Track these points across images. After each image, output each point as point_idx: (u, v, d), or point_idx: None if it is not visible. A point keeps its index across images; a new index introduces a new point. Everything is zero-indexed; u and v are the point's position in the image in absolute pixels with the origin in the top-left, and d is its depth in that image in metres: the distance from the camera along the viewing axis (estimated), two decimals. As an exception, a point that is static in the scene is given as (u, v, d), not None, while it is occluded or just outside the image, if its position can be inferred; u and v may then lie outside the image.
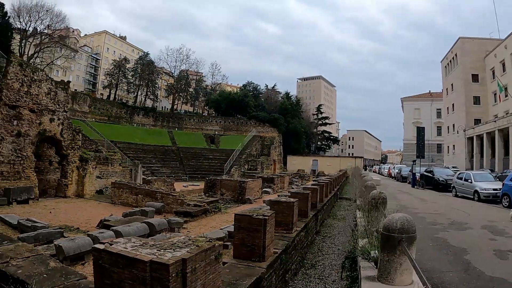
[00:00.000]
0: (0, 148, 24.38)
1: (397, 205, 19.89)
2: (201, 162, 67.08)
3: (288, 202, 14.70)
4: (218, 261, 7.78)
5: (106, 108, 75.80)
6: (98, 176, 31.60)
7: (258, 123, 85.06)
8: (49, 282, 9.00)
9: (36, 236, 14.04)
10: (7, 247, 11.78)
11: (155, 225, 16.17)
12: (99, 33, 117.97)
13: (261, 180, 35.72)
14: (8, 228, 16.62)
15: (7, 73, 25.03)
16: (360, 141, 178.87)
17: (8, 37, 60.03)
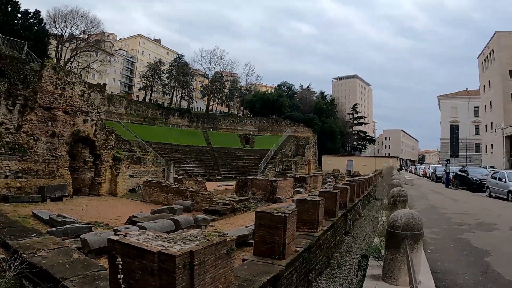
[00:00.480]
0: (35, 148, 25.22)
1: (426, 204, 19.38)
2: (236, 162, 67.37)
3: (313, 200, 14.43)
4: (230, 256, 7.75)
5: (142, 109, 77.27)
6: (131, 175, 32.21)
7: (293, 123, 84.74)
8: (70, 272, 9.31)
9: (65, 231, 14.46)
10: (35, 239, 12.33)
11: (181, 222, 16.32)
12: (134, 37, 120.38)
13: (293, 180, 35.51)
14: (40, 223, 17.15)
15: (41, 76, 25.92)
16: (397, 141, 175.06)
17: (44, 42, 62.22)
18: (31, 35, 57.54)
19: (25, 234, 12.98)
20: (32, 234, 13.11)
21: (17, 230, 13.56)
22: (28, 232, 13.44)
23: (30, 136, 25.11)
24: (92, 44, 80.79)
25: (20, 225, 14.93)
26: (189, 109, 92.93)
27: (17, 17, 59.74)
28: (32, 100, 25.27)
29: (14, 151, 23.97)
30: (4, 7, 56.13)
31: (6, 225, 14.46)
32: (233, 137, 78.25)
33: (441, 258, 9.04)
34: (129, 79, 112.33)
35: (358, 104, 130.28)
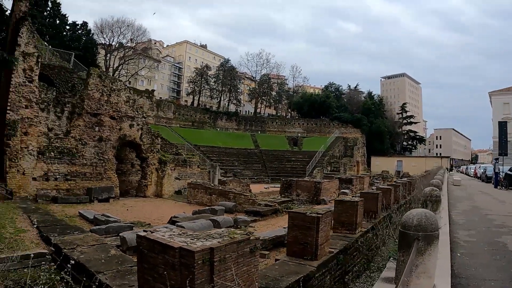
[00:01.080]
0: (83, 152, 26.40)
1: (470, 206, 18.55)
2: (284, 164, 67.22)
3: (351, 201, 14.26)
4: (254, 254, 7.75)
5: (190, 114, 78.69)
6: (176, 177, 32.87)
7: (341, 124, 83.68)
8: (105, 267, 9.84)
9: (107, 229, 15.06)
10: (77, 236, 12.94)
11: (220, 222, 16.49)
12: (180, 43, 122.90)
13: (338, 181, 35.09)
14: (85, 222, 17.89)
15: (88, 84, 27.22)
16: (448, 140, 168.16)
17: (93, 52, 64.99)
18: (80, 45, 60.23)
19: (68, 231, 13.66)
20: (75, 231, 13.76)
21: (61, 228, 14.29)
22: (71, 229, 14.11)
23: (78, 140, 26.26)
24: (139, 52, 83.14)
25: (65, 223, 15.70)
26: (237, 112, 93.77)
27: (66, 29, 62.74)
28: (80, 107, 26.51)
29: (63, 155, 25.19)
30: (53, 20, 58.96)
31: (52, 223, 15.28)
32: (281, 139, 78.23)
33: (470, 263, 8.43)
34: (177, 84, 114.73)
35: (407, 103, 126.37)
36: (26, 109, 23.44)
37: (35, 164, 23.71)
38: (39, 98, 24.35)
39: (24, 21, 23.77)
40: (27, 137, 23.43)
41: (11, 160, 22.41)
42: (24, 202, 20.60)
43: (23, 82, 23.29)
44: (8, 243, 12.36)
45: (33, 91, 23.79)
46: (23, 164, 23.04)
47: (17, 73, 23.01)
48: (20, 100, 23.15)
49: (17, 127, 22.74)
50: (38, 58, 24.18)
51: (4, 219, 15.76)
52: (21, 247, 12.04)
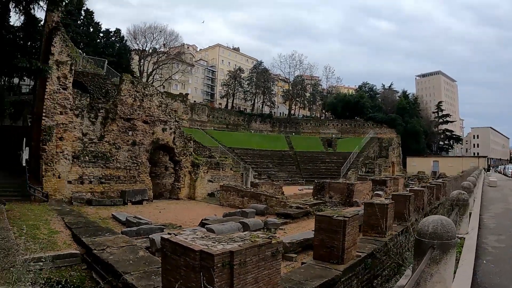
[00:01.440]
0: (117, 156, 27.02)
1: (503, 208, 17.71)
2: (318, 166, 66.56)
3: (381, 204, 14.00)
4: (276, 258, 7.68)
5: (224, 116, 79.10)
6: (209, 180, 33.08)
7: (376, 125, 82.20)
8: (132, 267, 10.06)
9: (138, 231, 15.37)
10: (108, 237, 13.20)
11: (249, 225, 16.47)
12: (212, 47, 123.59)
13: (371, 183, 34.52)
14: (118, 224, 18.31)
15: (120, 90, 27.93)
16: (485, 139, 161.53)
17: (127, 58, 66.48)
18: (113, 52, 61.77)
19: (100, 233, 14.00)
20: (106, 233, 14.06)
21: (93, 229, 14.65)
22: (102, 231, 14.43)
23: (112, 145, 26.88)
24: (172, 56, 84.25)
25: (97, 225, 16.04)
26: (271, 114, 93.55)
27: (99, 37, 64.78)
28: (113, 112, 27.14)
29: (98, 159, 25.87)
30: (86, 29, 60.77)
31: (84, 225, 15.67)
32: (315, 141, 77.51)
33: (496, 271, 7.77)
34: (210, 87, 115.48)
35: (443, 102, 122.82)
36: (61, 115, 24.27)
37: (70, 168, 24.49)
38: (73, 104, 25.08)
39: (57, 31, 24.60)
40: (62, 142, 24.27)
41: (46, 164, 23.19)
42: (59, 205, 21.24)
43: (58, 90, 24.13)
44: (41, 243, 12.66)
45: (67, 97, 24.58)
46: (58, 168, 23.83)
47: (51, 81, 23.85)
48: (55, 107, 23.99)
49: (52, 132, 23.50)
50: (71, 66, 24.96)
51: (39, 221, 16.33)
52: (54, 248, 12.47)
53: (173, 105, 65.19)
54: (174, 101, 66.49)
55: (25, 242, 12.60)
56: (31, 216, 17.49)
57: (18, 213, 17.85)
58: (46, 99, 23.70)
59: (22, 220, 16.29)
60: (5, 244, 10.41)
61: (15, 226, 14.75)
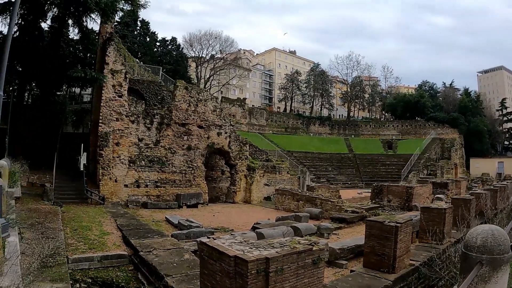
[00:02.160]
0: (173, 160, 27.51)
1: None
2: (378, 169, 64.76)
3: (438, 209, 13.37)
4: (318, 266, 7.25)
5: (282, 120, 79.02)
6: (265, 183, 32.90)
7: (437, 125, 78.62)
8: (175, 270, 10.01)
9: (188, 234, 15.28)
10: (156, 240, 13.28)
11: (301, 230, 16.00)
12: (269, 51, 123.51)
13: (432, 186, 32.95)
14: (170, 227, 18.39)
15: (175, 96, 28.50)
16: None
17: (184, 65, 68.08)
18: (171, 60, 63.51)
19: (149, 235, 14.19)
20: (155, 235, 14.21)
21: (143, 232, 14.86)
22: (152, 233, 14.62)
23: (168, 149, 27.41)
24: (229, 62, 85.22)
25: (148, 227, 16.29)
26: (330, 116, 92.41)
27: (156, 46, 67.11)
28: (168, 117, 27.71)
29: (153, 163, 26.49)
30: (143, 39, 63.05)
31: (135, 227, 15.96)
32: (375, 143, 75.53)
33: None
34: (268, 91, 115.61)
35: (507, 99, 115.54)
36: (117, 121, 25.12)
37: (126, 172, 25.22)
38: (129, 111, 25.92)
39: (110, 41, 25.51)
40: (119, 147, 25.05)
41: (103, 168, 24.09)
42: (115, 207, 21.92)
43: (113, 97, 25.04)
44: (91, 244, 13.09)
45: (123, 104, 25.41)
46: (115, 172, 24.60)
47: (107, 89, 24.81)
48: (111, 114, 24.88)
49: (109, 138, 24.40)
50: (126, 74, 25.84)
51: (92, 222, 16.82)
52: (103, 248, 12.73)
53: (231, 109, 66.04)
54: (232, 106, 67.20)
55: (76, 242, 13.22)
56: (85, 217, 18.06)
57: (73, 214, 18.53)
58: (102, 106, 24.67)
59: (76, 221, 16.89)
60: (54, 243, 10.79)
61: (68, 227, 15.40)
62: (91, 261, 11.83)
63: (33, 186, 23.05)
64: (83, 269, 11.55)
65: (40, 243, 10.77)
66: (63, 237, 12.52)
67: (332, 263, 12.34)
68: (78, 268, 11.48)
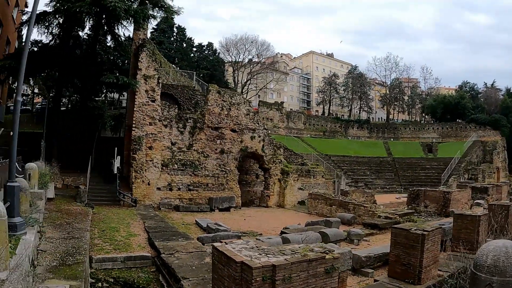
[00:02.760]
0: (206, 164, 27.74)
1: None
2: (417, 173, 63.09)
3: (472, 216, 12.86)
4: (331, 275, 7.05)
5: (320, 123, 78.57)
6: (300, 187, 32.55)
7: (478, 127, 75.76)
8: (193, 273, 10.10)
9: (214, 237, 15.20)
10: (180, 242, 13.40)
11: (329, 235, 15.64)
12: (306, 54, 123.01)
13: (471, 191, 31.71)
14: (200, 230, 18.59)
15: (207, 100, 28.75)
16: None
17: (220, 70, 68.83)
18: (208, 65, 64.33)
19: (174, 238, 14.32)
20: (179, 238, 14.35)
21: (169, 234, 15.01)
22: (177, 236, 14.78)
23: (200, 153, 27.67)
24: (266, 66, 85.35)
25: (175, 230, 16.42)
26: (368, 120, 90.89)
27: (193, 51, 68.41)
28: (201, 121, 27.98)
29: (186, 167, 26.81)
30: (180, 44, 64.13)
31: (163, 229, 16.14)
32: (415, 146, 73.60)
33: None
34: (306, 95, 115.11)
35: None
36: (150, 125, 25.61)
37: (159, 175, 25.62)
38: (161, 115, 26.34)
39: (143, 47, 26.03)
40: (152, 151, 25.51)
41: (136, 171, 24.57)
42: (146, 210, 22.18)
43: (146, 102, 25.57)
44: (116, 245, 13.41)
45: (156, 109, 25.91)
46: (148, 175, 25.03)
47: (140, 94, 25.37)
48: (144, 118, 25.41)
49: (142, 142, 24.89)
50: (159, 80, 26.29)
51: (121, 224, 17.20)
52: (127, 249, 13.02)
53: (268, 113, 66.05)
54: (269, 110, 67.16)
55: (102, 242, 13.61)
56: (115, 219, 18.48)
57: (103, 216, 19.02)
58: (135, 111, 25.22)
59: (105, 222, 17.32)
60: (77, 243, 11.19)
61: (96, 228, 15.83)
62: (115, 261, 12.10)
63: (67, 188, 23.77)
64: (106, 269, 11.85)
65: (64, 242, 11.19)
66: (89, 237, 12.75)
67: (357, 271, 11.96)
68: (101, 267, 11.82)
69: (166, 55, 56.83)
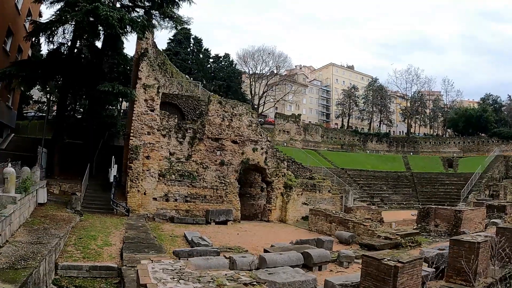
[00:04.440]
0: (204, 175, 27.41)
1: None
2: (436, 188, 61.36)
3: (471, 242, 11.57)
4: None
5: (338, 136, 77.73)
6: (304, 202, 31.72)
7: (501, 141, 73.64)
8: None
9: (191, 252, 14.83)
10: (149, 255, 12.43)
11: (312, 256, 14.84)
12: (326, 66, 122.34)
13: (485, 209, 30.13)
14: (185, 243, 18.34)
15: (208, 110, 28.58)
16: None
17: (237, 81, 69.06)
18: (224, 76, 64.23)
19: (146, 250, 14.00)
20: (152, 250, 14.03)
21: (143, 246, 14.64)
22: (150, 248, 14.42)
23: (199, 164, 27.44)
24: (284, 78, 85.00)
25: (152, 242, 15.92)
26: (388, 133, 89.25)
27: (209, 62, 68.50)
28: (201, 132, 27.82)
29: (184, 178, 26.53)
30: (196, 55, 64.32)
31: (140, 240, 15.76)
32: (435, 161, 71.88)
33: None
34: (326, 107, 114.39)
35: None
36: (148, 135, 25.62)
37: (156, 185, 25.48)
38: (160, 125, 26.31)
39: (144, 56, 26.04)
40: (149, 160, 25.41)
41: (132, 181, 24.43)
42: (136, 220, 21.84)
43: (145, 111, 25.62)
44: (88, 253, 13.38)
45: (155, 119, 25.90)
46: (144, 185, 24.92)
47: (139, 103, 25.42)
48: (142, 127, 25.46)
49: (139, 151, 24.82)
50: (159, 89, 26.23)
51: (102, 233, 17.13)
52: (97, 259, 12.91)
53: (285, 126, 65.65)
54: (286, 122, 66.75)
55: (74, 250, 13.65)
56: (99, 227, 18.43)
57: (89, 224, 18.99)
58: (134, 120, 25.33)
59: (87, 230, 17.28)
60: (39, 248, 11.15)
61: (75, 235, 15.88)
62: (80, 270, 12.05)
63: (64, 194, 23.82)
64: (71, 277, 11.83)
65: (27, 246, 11.22)
66: (58, 243, 12.70)
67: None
68: (67, 275, 11.83)
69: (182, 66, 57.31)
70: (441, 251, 15.07)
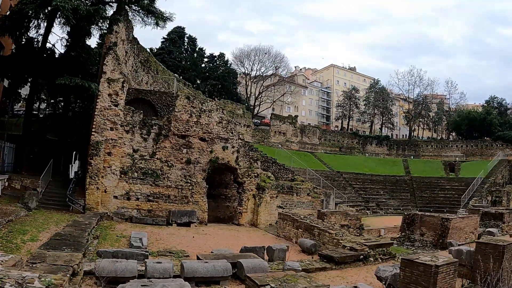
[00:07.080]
0: (169, 174, 26.63)
1: None
2: (436, 194, 59.80)
3: (426, 265, 9.73)
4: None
5: (337, 139, 76.92)
6: (279, 205, 30.58)
7: (505, 145, 71.92)
8: None
9: (115, 253, 14.22)
10: (62, 253, 11.76)
11: (244, 268, 13.23)
12: (327, 67, 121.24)
13: (479, 217, 27.83)
14: (128, 244, 17.43)
15: (175, 106, 27.67)
16: None
17: (231, 80, 69.10)
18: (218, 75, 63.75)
19: (65, 247, 13.05)
20: (70, 248, 12.94)
21: (68, 243, 13.75)
22: (72, 246, 13.41)
23: (164, 162, 26.68)
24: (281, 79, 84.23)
25: (79, 241, 14.85)
26: (388, 136, 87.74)
27: (203, 61, 68.83)
28: (166, 128, 26.99)
29: (147, 176, 25.85)
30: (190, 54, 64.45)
31: (67, 238, 14.86)
32: (436, 165, 70.25)
33: None
34: (326, 109, 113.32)
35: None
36: (111, 131, 24.98)
37: (117, 183, 24.90)
38: (124, 120, 25.61)
39: (110, 50, 25.34)
40: (110, 157, 24.85)
41: (91, 177, 23.79)
42: (89, 217, 20.95)
43: (108, 106, 24.91)
44: (8, 247, 13.17)
45: (118, 114, 25.25)
46: (105, 183, 24.38)
47: (102, 98, 24.76)
48: (104, 123, 24.82)
49: (100, 147, 24.20)
50: (124, 84, 25.45)
51: (37, 228, 16.84)
52: (13, 252, 12.31)
53: (281, 127, 64.75)
54: (282, 123, 66.01)
55: None
56: (39, 223, 18.05)
57: (31, 219, 18.62)
58: (96, 115, 24.79)
59: (24, 225, 17.00)
60: None
61: (7, 228, 15.63)
62: None
63: (25, 190, 23.25)
64: None
65: None
66: None
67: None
68: None
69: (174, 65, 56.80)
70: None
